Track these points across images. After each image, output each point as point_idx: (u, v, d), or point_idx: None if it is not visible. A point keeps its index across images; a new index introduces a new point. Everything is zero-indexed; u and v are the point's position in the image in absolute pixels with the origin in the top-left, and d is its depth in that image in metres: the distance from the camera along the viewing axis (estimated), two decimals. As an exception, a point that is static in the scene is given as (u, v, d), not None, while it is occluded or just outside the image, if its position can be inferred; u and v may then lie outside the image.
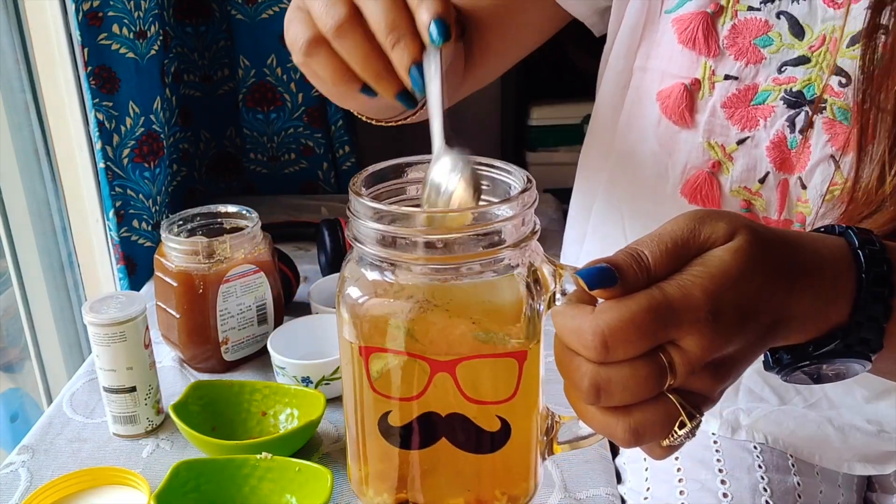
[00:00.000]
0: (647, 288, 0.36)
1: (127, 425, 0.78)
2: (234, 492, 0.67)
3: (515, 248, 0.38)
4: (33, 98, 1.10)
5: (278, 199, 1.37)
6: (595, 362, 0.36)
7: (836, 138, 0.60)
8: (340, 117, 1.40)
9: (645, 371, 0.36)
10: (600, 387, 0.36)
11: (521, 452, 0.42)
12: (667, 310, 0.36)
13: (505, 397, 0.40)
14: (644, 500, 0.72)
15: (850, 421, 0.73)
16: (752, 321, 0.38)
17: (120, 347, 0.74)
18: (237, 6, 1.31)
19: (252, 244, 0.88)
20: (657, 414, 0.37)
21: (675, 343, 0.36)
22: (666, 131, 0.67)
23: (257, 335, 0.90)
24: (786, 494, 0.70)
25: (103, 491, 0.69)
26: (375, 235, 0.38)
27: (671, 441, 0.38)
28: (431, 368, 0.38)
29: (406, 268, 0.38)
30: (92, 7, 1.00)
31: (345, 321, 0.41)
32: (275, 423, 0.78)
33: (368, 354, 0.40)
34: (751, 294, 0.37)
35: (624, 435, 0.37)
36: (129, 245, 1.11)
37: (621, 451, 0.80)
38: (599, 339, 0.35)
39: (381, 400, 0.40)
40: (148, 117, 1.10)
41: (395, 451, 0.41)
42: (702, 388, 0.38)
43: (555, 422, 0.43)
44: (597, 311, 0.36)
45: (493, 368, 0.39)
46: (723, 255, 0.37)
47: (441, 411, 0.39)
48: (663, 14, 0.65)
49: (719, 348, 0.37)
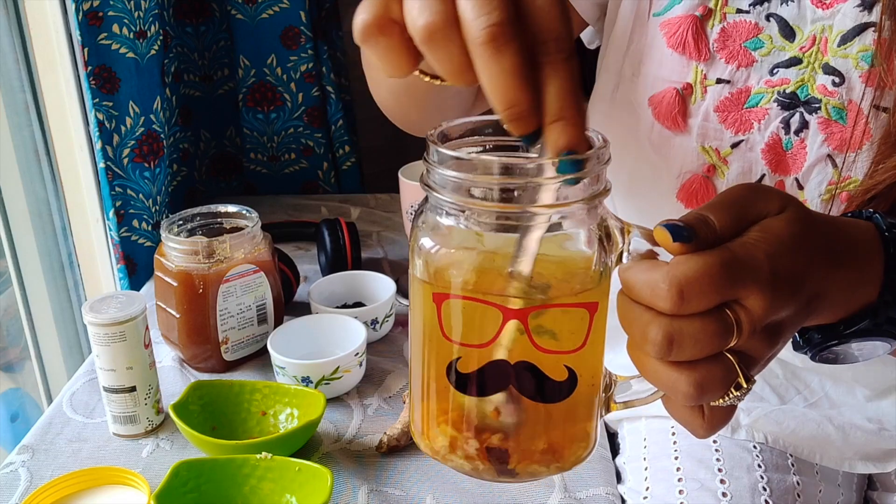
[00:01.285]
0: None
1: (127, 425, 0.78)
2: (234, 492, 0.67)
3: (589, 202, 0.39)
4: (33, 98, 1.10)
5: (278, 199, 1.37)
6: (668, 315, 0.37)
7: (833, 137, 0.60)
8: (340, 117, 1.40)
9: (714, 326, 0.37)
10: (673, 338, 0.37)
11: (585, 404, 0.43)
12: (737, 266, 0.37)
13: (574, 347, 0.40)
14: (644, 499, 0.72)
15: (851, 419, 0.73)
16: (802, 290, 0.39)
17: (120, 347, 0.74)
18: (237, 6, 1.31)
19: (252, 244, 0.88)
20: (719, 371, 0.38)
21: (739, 302, 0.37)
22: (659, 136, 0.66)
23: (257, 335, 0.90)
24: (785, 494, 0.70)
25: (103, 491, 0.69)
26: (451, 183, 0.39)
27: (725, 401, 0.39)
28: (503, 316, 0.39)
29: (481, 216, 0.39)
30: (92, 7, 1.00)
31: (417, 269, 0.42)
32: (275, 423, 0.78)
33: (440, 301, 0.40)
34: (801, 263, 0.39)
35: (688, 389, 0.38)
36: (129, 245, 1.11)
37: (621, 451, 0.80)
38: (676, 289, 0.36)
39: (451, 346, 0.41)
40: (148, 117, 1.11)
41: (462, 398, 0.42)
42: (756, 350, 0.39)
43: (612, 381, 0.44)
44: (672, 264, 0.37)
45: (564, 318, 0.40)
46: (778, 223, 0.39)
47: (510, 359, 0.40)
48: (651, 18, 0.64)
49: (777, 311, 0.38)
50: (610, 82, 0.68)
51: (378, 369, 0.89)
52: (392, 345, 0.94)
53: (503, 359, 0.40)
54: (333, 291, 0.99)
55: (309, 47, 1.33)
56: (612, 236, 0.41)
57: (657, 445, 0.76)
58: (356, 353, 0.82)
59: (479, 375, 0.41)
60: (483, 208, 0.39)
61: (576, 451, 0.44)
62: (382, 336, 0.95)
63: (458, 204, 0.39)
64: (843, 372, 0.72)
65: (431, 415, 0.44)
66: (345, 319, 0.89)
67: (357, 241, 1.07)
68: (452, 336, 0.41)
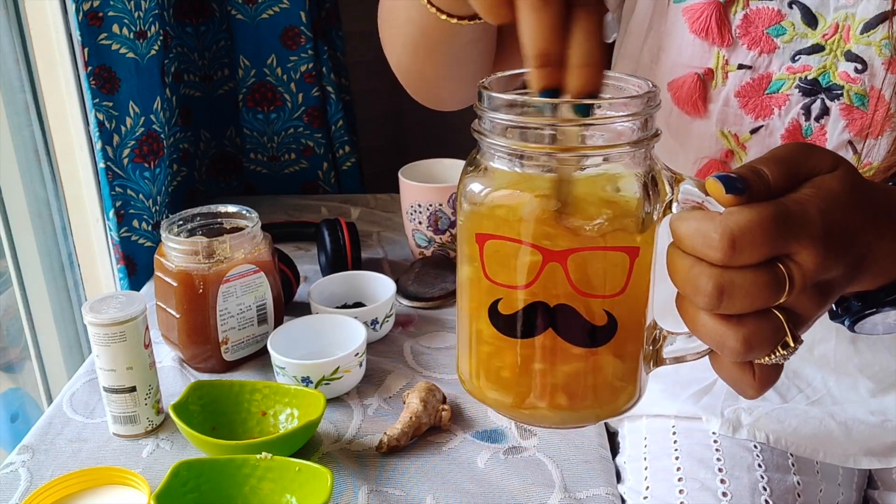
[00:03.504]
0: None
1: (127, 425, 0.78)
2: (234, 492, 0.67)
3: (636, 146, 0.39)
4: (33, 98, 1.10)
5: (278, 199, 1.37)
6: (719, 266, 0.37)
7: (854, 123, 0.61)
8: (340, 117, 1.40)
9: (765, 278, 0.37)
10: (724, 289, 0.37)
11: (627, 352, 0.43)
12: (789, 220, 0.37)
13: (614, 292, 0.41)
14: (644, 499, 0.72)
15: (854, 414, 0.73)
16: (852, 249, 0.39)
17: (120, 347, 0.74)
18: (237, 6, 1.31)
19: (252, 244, 0.88)
20: (768, 328, 0.38)
21: (791, 257, 0.37)
22: (678, 121, 0.67)
23: (257, 335, 0.90)
24: (785, 493, 0.70)
25: (103, 491, 0.69)
26: (501, 127, 0.40)
27: (771, 360, 0.39)
28: (544, 258, 0.39)
29: (528, 158, 0.40)
30: (92, 7, 1.00)
31: (464, 211, 0.42)
32: (275, 423, 0.78)
33: (483, 241, 0.41)
34: (853, 223, 0.39)
35: (735, 344, 0.38)
36: (129, 245, 1.11)
37: (621, 451, 0.80)
38: (728, 239, 0.36)
39: (493, 287, 0.41)
40: (148, 117, 1.11)
41: (504, 339, 0.42)
42: (805, 308, 0.39)
43: (662, 335, 0.44)
44: (724, 214, 0.37)
45: (604, 262, 0.40)
46: (831, 181, 0.39)
47: (550, 301, 0.40)
48: (672, 4, 0.65)
49: (828, 269, 0.38)
50: (628, 69, 0.69)
51: (378, 369, 0.89)
52: (392, 345, 0.94)
53: (543, 300, 0.40)
54: (333, 291, 0.99)
55: (309, 47, 1.33)
56: (658, 184, 0.41)
57: (657, 445, 0.76)
58: (356, 354, 0.82)
59: (519, 317, 0.41)
60: (529, 149, 0.39)
61: (616, 400, 0.44)
62: (382, 336, 0.95)
63: (506, 146, 0.40)
64: (848, 364, 0.72)
65: (475, 356, 0.44)
66: (345, 319, 0.89)
67: (357, 241, 1.07)
68: (494, 277, 0.41)
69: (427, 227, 1.08)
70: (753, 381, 0.40)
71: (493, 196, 0.41)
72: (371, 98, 1.59)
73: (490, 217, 0.41)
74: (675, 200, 0.40)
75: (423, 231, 1.09)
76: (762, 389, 0.41)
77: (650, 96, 0.40)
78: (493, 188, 0.41)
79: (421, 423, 0.77)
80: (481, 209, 0.41)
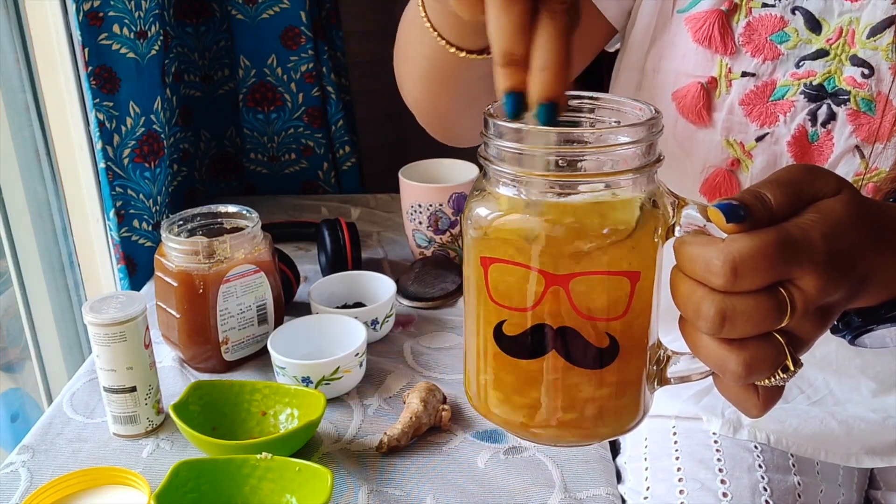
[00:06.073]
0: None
1: (127, 425, 0.78)
2: (234, 492, 0.67)
3: (638, 172, 0.40)
4: (33, 98, 1.10)
5: (278, 199, 1.37)
6: (721, 291, 0.37)
7: (861, 128, 0.61)
8: (340, 117, 1.40)
9: (767, 304, 0.37)
10: (726, 315, 0.37)
11: (630, 373, 0.43)
12: (792, 246, 0.37)
13: (615, 315, 0.41)
14: (644, 499, 0.72)
15: (855, 413, 0.73)
16: (855, 273, 0.39)
17: (120, 347, 0.74)
18: (237, 6, 1.31)
19: (252, 244, 0.88)
20: (769, 352, 0.38)
21: (793, 282, 0.37)
22: (683, 131, 0.67)
23: (257, 335, 0.90)
24: (786, 494, 0.70)
25: (103, 491, 0.69)
26: (506, 154, 0.41)
27: (770, 382, 0.39)
28: (546, 282, 0.40)
29: (531, 185, 0.41)
30: (92, 7, 1.00)
31: (469, 235, 0.44)
32: (275, 423, 0.78)
33: (488, 265, 0.42)
34: (856, 246, 0.39)
35: (736, 368, 0.38)
36: (129, 245, 1.11)
37: (621, 451, 0.80)
38: (730, 265, 0.36)
39: (498, 309, 0.43)
40: (148, 117, 1.11)
41: (508, 360, 0.43)
42: (806, 332, 0.39)
43: (666, 355, 0.45)
44: (727, 241, 0.37)
45: (606, 286, 0.41)
46: (835, 205, 0.39)
47: (554, 324, 0.41)
48: (675, 14, 0.65)
49: (830, 293, 0.38)
50: (632, 80, 0.69)
51: (378, 370, 0.88)
52: (392, 345, 0.94)
53: (546, 323, 0.41)
54: (333, 292, 0.99)
55: (309, 47, 1.33)
56: (661, 208, 0.41)
57: (658, 445, 0.76)
58: (356, 354, 0.82)
59: (523, 338, 0.42)
60: (533, 177, 0.40)
61: (620, 420, 0.44)
62: (382, 336, 0.95)
63: (511, 173, 0.41)
64: (850, 366, 0.72)
65: (481, 376, 0.45)
66: (345, 320, 0.89)
67: (357, 241, 1.07)
68: (499, 299, 0.42)
69: (427, 227, 1.08)
70: (758, 400, 0.41)
71: (498, 221, 0.42)
72: (371, 98, 1.59)
73: (495, 241, 0.42)
74: (677, 224, 0.41)
75: (423, 231, 1.09)
76: (765, 409, 0.41)
77: (653, 122, 0.40)
78: (498, 213, 0.42)
79: (421, 423, 0.77)
80: (486, 233, 0.42)
